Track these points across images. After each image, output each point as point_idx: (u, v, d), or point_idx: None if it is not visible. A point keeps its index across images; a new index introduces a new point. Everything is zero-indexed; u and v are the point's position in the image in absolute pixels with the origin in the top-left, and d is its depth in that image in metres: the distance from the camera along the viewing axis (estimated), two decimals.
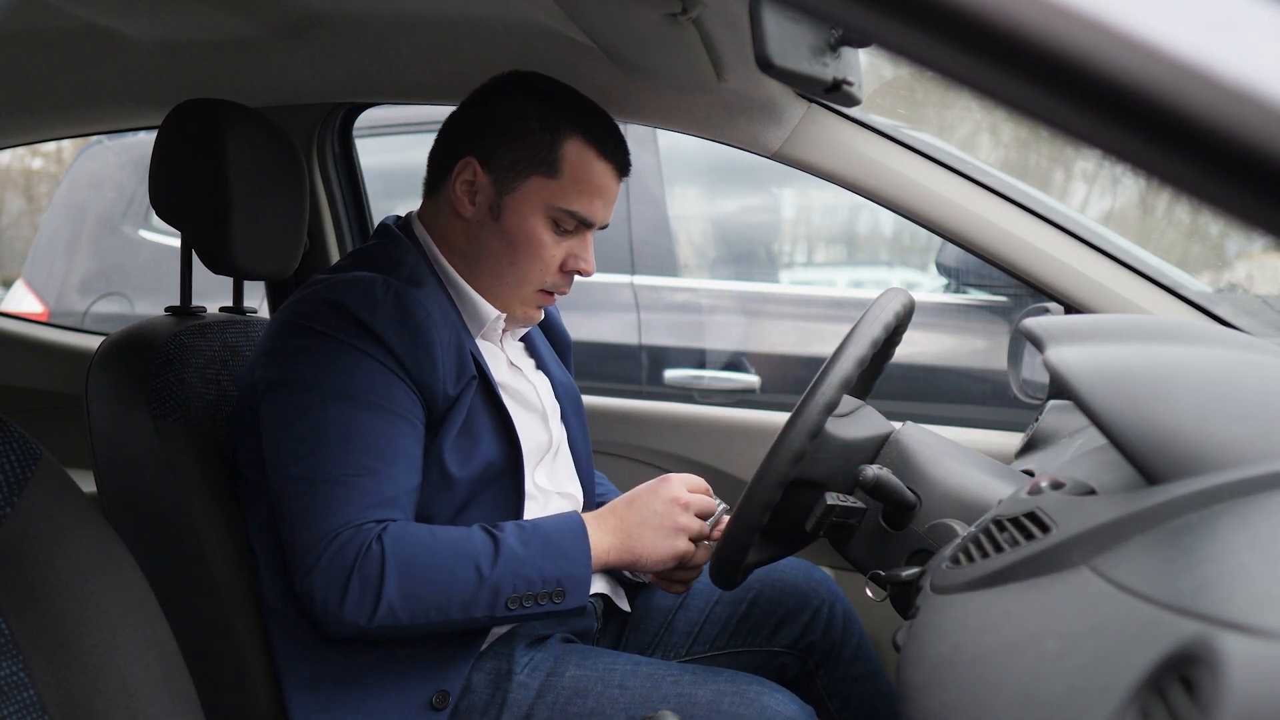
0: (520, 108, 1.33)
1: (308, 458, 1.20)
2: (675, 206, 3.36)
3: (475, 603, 1.18)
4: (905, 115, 2.64)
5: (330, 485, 1.18)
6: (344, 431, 1.20)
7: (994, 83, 0.50)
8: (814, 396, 1.15)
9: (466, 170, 1.33)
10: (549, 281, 1.36)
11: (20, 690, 0.86)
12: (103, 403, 1.35)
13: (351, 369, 1.22)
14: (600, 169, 1.33)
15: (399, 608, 1.16)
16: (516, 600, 1.19)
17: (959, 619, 0.75)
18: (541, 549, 1.21)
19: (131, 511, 1.34)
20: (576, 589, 1.22)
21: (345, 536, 1.16)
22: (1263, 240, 0.49)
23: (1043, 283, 1.46)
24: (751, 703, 1.20)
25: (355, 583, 1.15)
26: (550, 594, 1.20)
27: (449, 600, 1.17)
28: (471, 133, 1.35)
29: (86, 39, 1.67)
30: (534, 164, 1.31)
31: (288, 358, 1.25)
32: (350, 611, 1.16)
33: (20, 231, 8.40)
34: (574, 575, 1.21)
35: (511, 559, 1.19)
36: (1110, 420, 0.70)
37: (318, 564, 1.16)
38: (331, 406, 1.21)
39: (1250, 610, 0.51)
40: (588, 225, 1.34)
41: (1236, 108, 0.45)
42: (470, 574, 1.18)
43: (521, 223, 1.32)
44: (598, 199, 1.33)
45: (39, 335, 2.45)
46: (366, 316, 1.23)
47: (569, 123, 1.32)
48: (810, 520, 1.16)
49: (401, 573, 1.15)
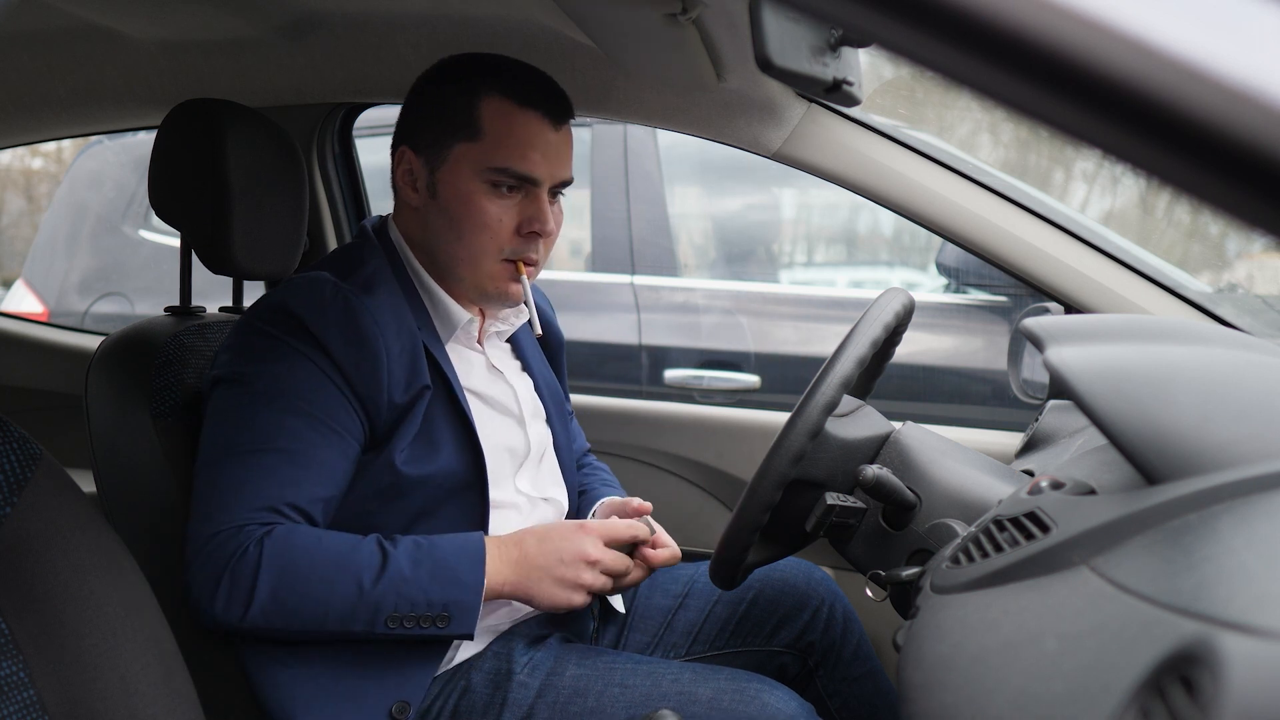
0: (436, 85, 1.33)
1: (219, 457, 1.20)
2: (675, 206, 3.36)
3: (353, 616, 1.16)
4: (905, 115, 2.64)
5: (228, 486, 1.18)
6: (263, 432, 1.19)
7: (994, 83, 0.50)
8: (814, 396, 1.15)
9: (403, 160, 1.34)
10: (506, 249, 1.30)
11: (20, 690, 0.86)
12: (103, 403, 1.35)
13: (288, 373, 1.21)
14: (525, 119, 1.28)
15: (271, 612, 1.15)
16: (397, 620, 1.16)
17: (959, 619, 0.75)
18: (431, 571, 1.17)
19: (131, 511, 1.34)
20: (463, 616, 1.17)
21: (224, 535, 1.15)
22: (1263, 240, 0.49)
23: (1043, 283, 1.46)
24: (752, 700, 1.20)
25: (226, 582, 1.14)
26: (434, 618, 1.17)
27: (325, 611, 1.15)
28: (403, 124, 1.36)
29: (86, 39, 1.67)
30: (455, 131, 1.29)
31: (234, 355, 1.26)
32: (221, 609, 1.15)
33: (20, 231, 8.40)
34: (462, 602, 1.17)
35: (396, 578, 1.16)
36: (1110, 420, 0.70)
37: (195, 559, 1.16)
38: (259, 407, 1.20)
39: (1250, 610, 0.51)
40: (532, 182, 1.29)
41: (1237, 108, 0.45)
42: (350, 588, 1.15)
43: (456, 193, 1.29)
44: (531, 152, 1.28)
45: (39, 335, 2.45)
46: (312, 322, 1.22)
47: (484, 83, 1.29)
48: (810, 520, 1.16)
49: (276, 578, 1.14)
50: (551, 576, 1.22)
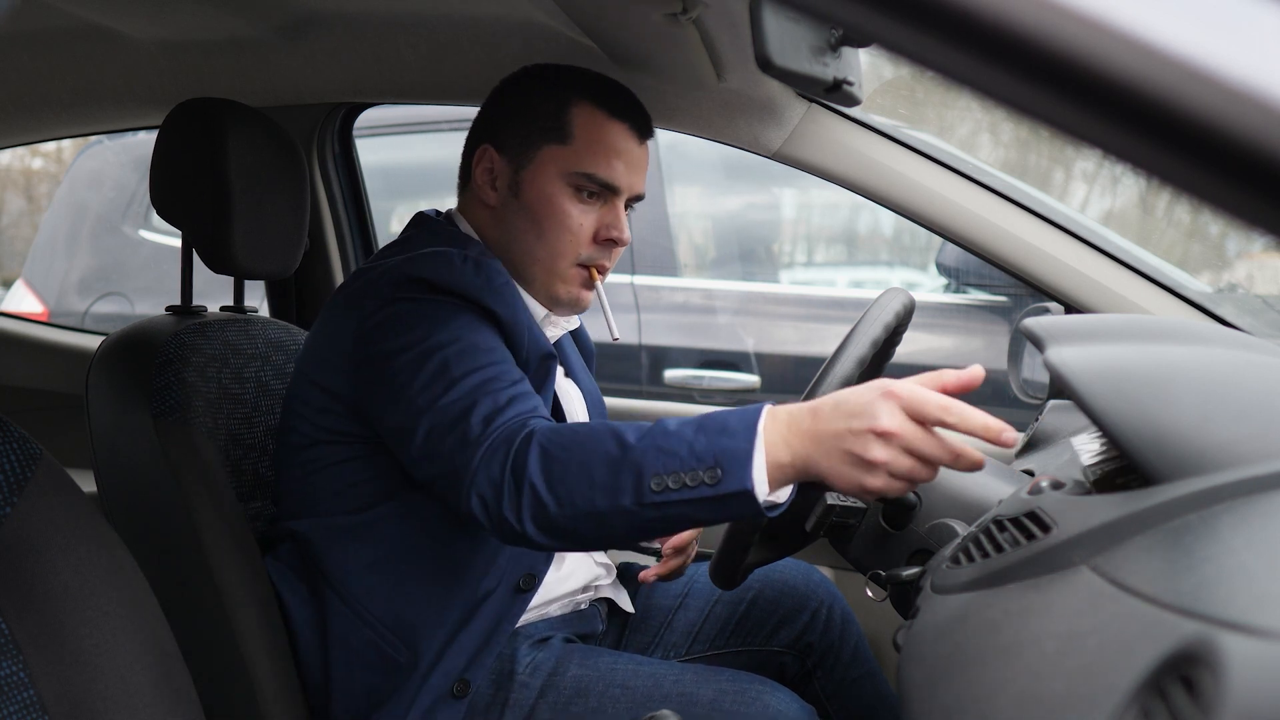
0: (526, 88, 1.35)
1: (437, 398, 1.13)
2: (675, 206, 3.36)
3: (619, 485, 1.01)
4: (905, 115, 2.64)
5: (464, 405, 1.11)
6: (460, 365, 1.14)
7: (994, 83, 0.50)
8: (814, 396, 1.15)
9: (484, 158, 1.34)
10: (583, 254, 1.32)
11: (20, 690, 0.86)
12: (103, 402, 1.35)
13: (450, 319, 1.18)
14: (613, 129, 1.31)
15: (543, 492, 1.04)
16: (661, 481, 1.00)
17: (959, 619, 0.75)
18: (698, 425, 1.02)
19: (131, 511, 1.34)
20: (735, 468, 0.98)
21: (494, 436, 1.09)
22: (1263, 240, 0.49)
23: (1043, 283, 1.46)
24: (753, 702, 1.20)
25: (509, 480, 1.06)
26: (702, 473, 0.99)
27: (592, 481, 1.02)
28: (485, 123, 1.37)
29: (86, 39, 1.67)
30: (544, 133, 1.31)
31: (377, 331, 1.20)
32: (508, 508, 1.06)
33: (20, 231, 8.40)
34: (732, 450, 0.99)
35: (659, 433, 1.02)
36: (1110, 420, 0.70)
37: (476, 466, 1.08)
38: (438, 353, 1.15)
39: (1250, 610, 0.51)
40: (613, 190, 1.32)
41: (1237, 108, 0.45)
42: (613, 450, 1.02)
43: (541, 194, 1.31)
44: (616, 161, 1.31)
45: (39, 335, 2.45)
46: (451, 283, 1.20)
47: (574, 89, 1.32)
48: (810, 520, 1.16)
49: (542, 453, 1.05)
50: (840, 448, 0.97)
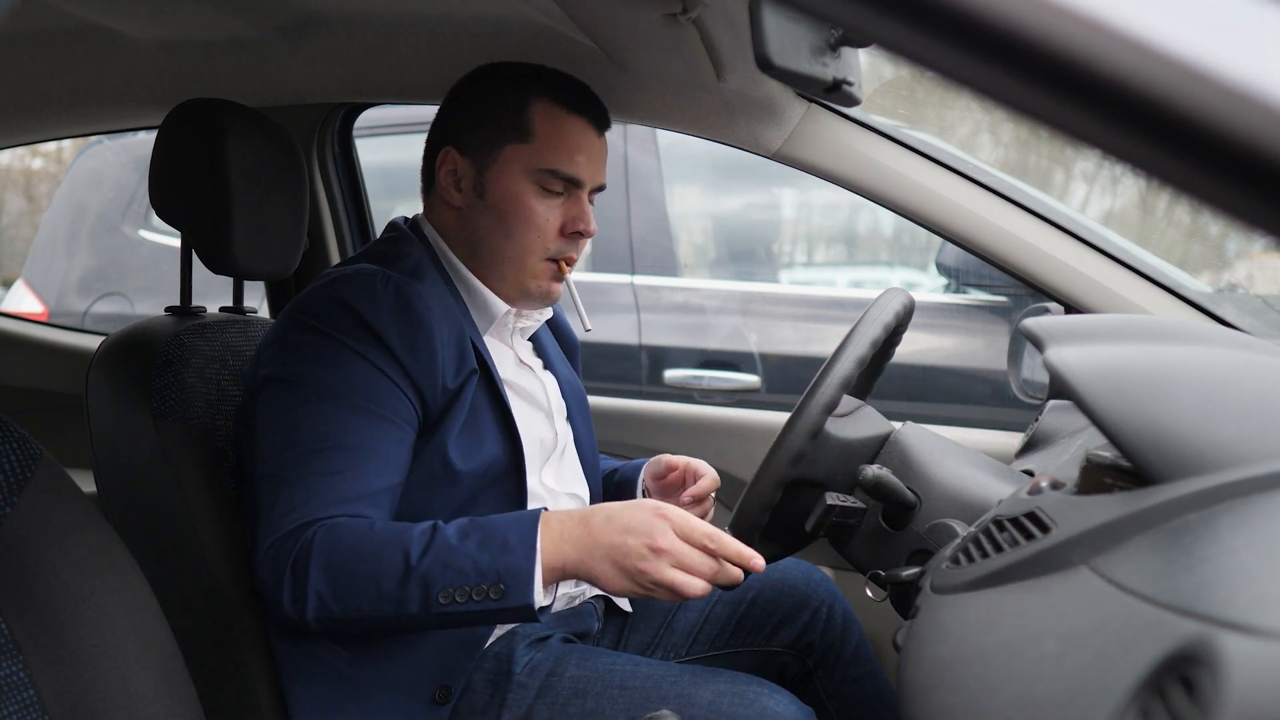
0: (484, 88, 1.37)
1: (281, 454, 1.20)
2: (675, 206, 3.36)
3: (407, 597, 1.09)
4: (905, 115, 2.64)
5: (293, 486, 1.18)
6: (320, 431, 1.19)
7: (994, 83, 0.50)
8: (814, 396, 1.15)
9: (447, 160, 1.36)
10: (551, 248, 1.35)
11: (20, 690, 0.86)
12: (103, 403, 1.35)
13: (342, 368, 1.22)
14: (573, 124, 1.34)
15: (327, 597, 1.11)
16: (449, 595, 1.08)
17: (959, 619, 0.75)
18: (480, 540, 1.10)
19: (131, 511, 1.34)
20: (518, 585, 1.07)
21: (291, 535, 1.15)
22: (1263, 240, 0.49)
23: (1043, 283, 1.46)
24: (751, 704, 1.20)
25: (289, 574, 1.13)
26: (487, 589, 1.08)
27: (378, 592, 1.09)
28: (445, 126, 1.39)
29: (86, 39, 1.67)
30: (505, 132, 1.33)
31: (285, 353, 1.25)
32: (286, 601, 1.13)
33: (20, 231, 8.40)
34: (515, 569, 1.07)
35: (444, 549, 1.09)
36: (1110, 420, 0.70)
37: (263, 562, 1.16)
38: (315, 405, 1.21)
39: (1250, 610, 0.51)
40: (576, 184, 1.35)
41: (1237, 108, 0.45)
42: (398, 563, 1.09)
43: (506, 193, 1.33)
44: (578, 155, 1.34)
45: (39, 335, 2.45)
46: (367, 312, 1.23)
47: (532, 87, 1.34)
48: (810, 520, 1.16)
49: (326, 562, 1.11)
50: (612, 560, 1.08)
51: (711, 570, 1.07)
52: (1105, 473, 0.73)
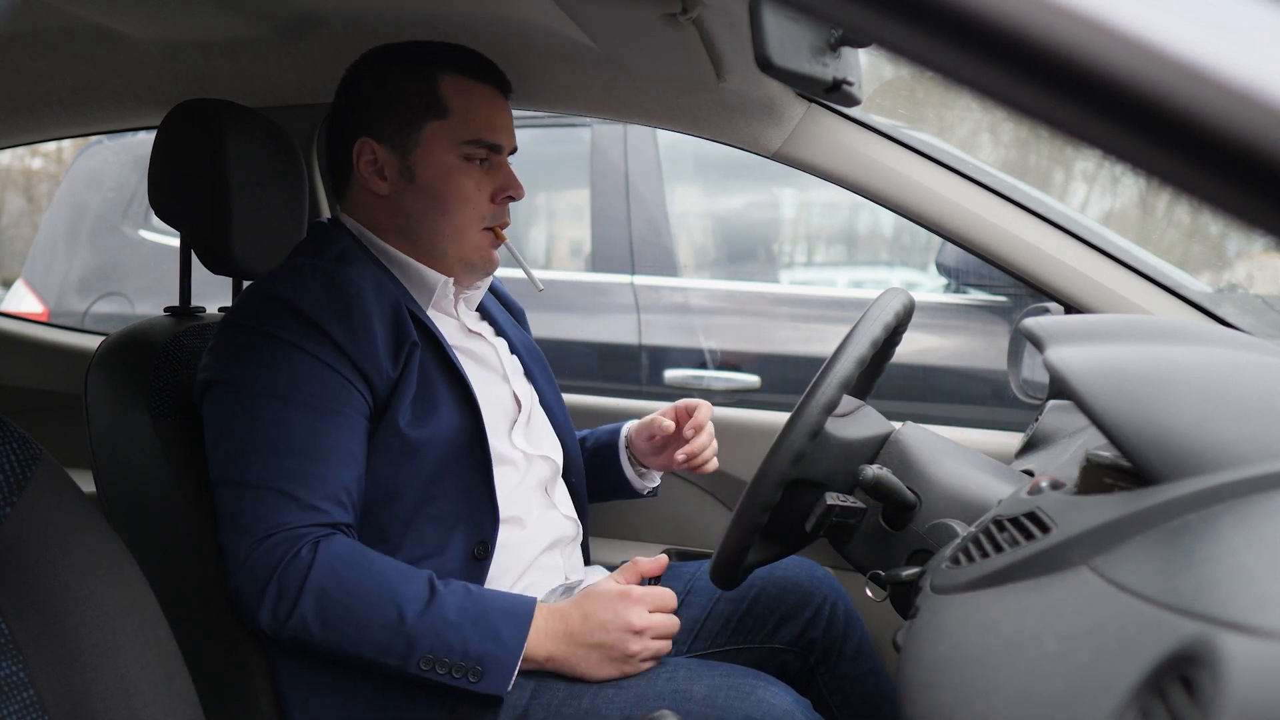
0: (385, 74, 1.37)
1: (237, 460, 1.20)
2: (675, 206, 3.36)
3: (389, 648, 1.14)
4: (905, 115, 2.64)
5: (257, 492, 1.18)
6: (273, 434, 1.20)
7: (994, 83, 0.50)
8: (814, 396, 1.15)
9: (365, 151, 1.37)
10: (486, 218, 1.38)
11: (20, 690, 0.86)
12: (102, 403, 1.35)
13: (284, 367, 1.22)
14: (482, 92, 1.37)
15: (312, 624, 1.15)
16: (430, 663, 1.15)
17: (959, 619, 0.75)
18: (475, 621, 1.16)
19: (131, 511, 1.34)
20: (497, 673, 1.15)
21: (276, 538, 1.16)
22: (1263, 240, 0.49)
23: (1043, 283, 1.46)
24: (747, 697, 1.19)
25: (274, 587, 1.15)
26: (468, 669, 1.15)
27: (362, 635, 1.14)
28: (353, 118, 1.39)
29: (86, 39, 1.67)
30: (422, 113, 1.35)
31: (224, 357, 1.26)
32: (265, 614, 1.16)
33: (20, 231, 8.40)
34: (498, 659, 1.16)
35: (439, 619, 1.15)
36: (1110, 420, 0.70)
37: (244, 563, 1.17)
38: (261, 407, 1.21)
39: (1250, 610, 0.51)
40: (497, 150, 1.37)
41: (1236, 108, 0.45)
42: (391, 616, 1.14)
43: (436, 171, 1.35)
44: (494, 119, 1.37)
45: (39, 335, 2.44)
46: (301, 302, 1.23)
47: (434, 64, 1.36)
48: (810, 520, 1.16)
49: (322, 590, 1.15)
50: (598, 653, 1.20)
51: (675, 629, 1.24)
52: (1105, 473, 0.73)
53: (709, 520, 1.92)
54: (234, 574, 1.18)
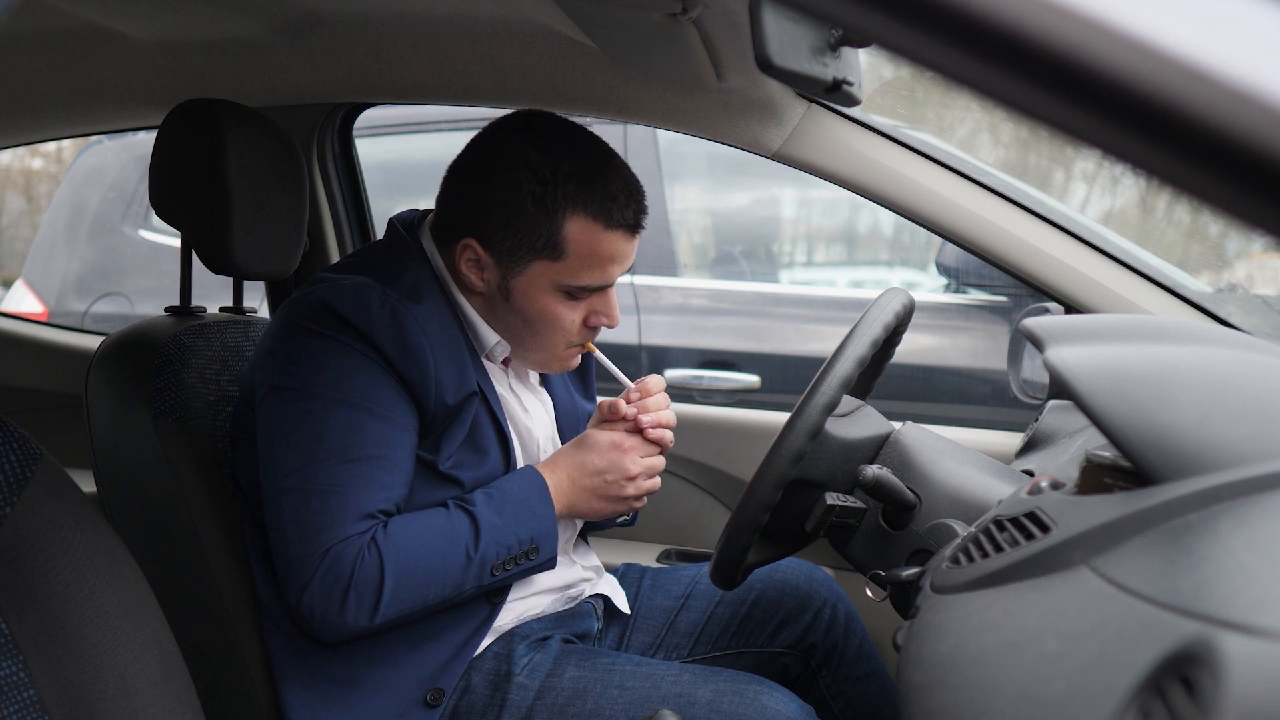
0: (515, 182, 1.24)
1: (303, 469, 1.20)
2: (675, 205, 3.36)
3: (466, 581, 1.23)
4: (905, 115, 2.64)
5: (324, 496, 1.18)
6: (341, 440, 1.19)
7: (994, 83, 0.50)
8: (814, 396, 1.15)
9: (468, 251, 1.28)
10: (575, 340, 1.33)
11: (20, 690, 0.86)
12: (103, 403, 1.35)
13: (349, 374, 1.22)
14: (609, 239, 1.26)
15: (401, 602, 1.19)
16: (500, 567, 1.24)
17: (959, 619, 0.75)
18: (514, 513, 1.25)
19: (131, 511, 1.34)
20: (547, 543, 1.27)
21: (337, 550, 1.17)
22: (1263, 240, 0.49)
23: (1043, 283, 1.46)
24: (751, 702, 1.20)
25: (353, 594, 1.17)
26: (526, 553, 1.26)
27: (444, 584, 1.22)
28: (470, 210, 1.29)
29: (86, 39, 1.67)
30: (536, 249, 1.25)
31: (287, 360, 1.24)
32: (353, 618, 1.18)
33: (20, 231, 8.40)
34: (544, 531, 1.27)
35: (491, 531, 1.23)
36: (1110, 420, 0.70)
37: (313, 579, 1.17)
38: (329, 413, 1.20)
39: (1250, 610, 0.51)
40: (603, 288, 1.31)
41: (1236, 108, 0.45)
42: (461, 558, 1.22)
43: (532, 303, 1.28)
44: (611, 265, 1.28)
45: (39, 335, 2.44)
46: (362, 324, 1.22)
47: (567, 199, 1.24)
48: (810, 520, 1.16)
49: (398, 575, 1.18)
50: (599, 496, 1.31)
51: (663, 447, 1.34)
52: (1105, 473, 0.73)
53: (709, 520, 1.92)
54: (304, 589, 1.18)
